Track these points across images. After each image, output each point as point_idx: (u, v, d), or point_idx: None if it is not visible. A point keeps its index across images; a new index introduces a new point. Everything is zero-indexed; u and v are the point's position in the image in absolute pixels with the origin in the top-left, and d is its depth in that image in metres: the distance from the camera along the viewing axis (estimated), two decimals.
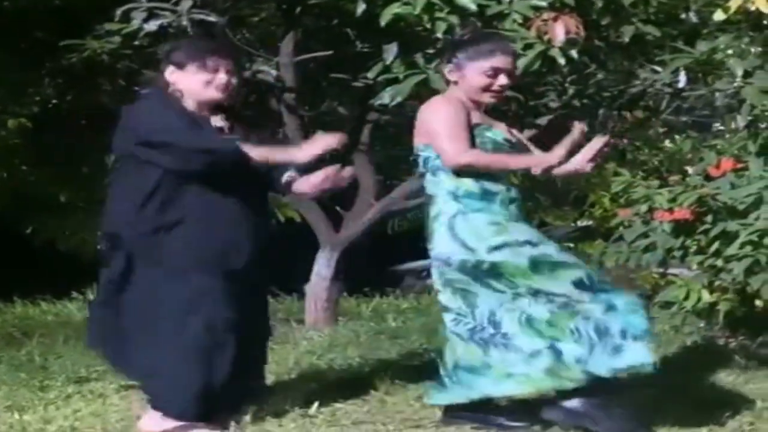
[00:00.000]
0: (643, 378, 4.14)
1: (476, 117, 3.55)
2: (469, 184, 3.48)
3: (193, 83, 3.58)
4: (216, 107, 3.65)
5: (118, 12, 5.12)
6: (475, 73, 3.54)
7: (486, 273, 3.41)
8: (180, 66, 3.59)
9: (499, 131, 3.61)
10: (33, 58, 6.93)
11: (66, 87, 7.32)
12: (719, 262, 4.63)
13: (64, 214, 9.04)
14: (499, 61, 3.54)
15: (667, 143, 8.66)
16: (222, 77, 3.58)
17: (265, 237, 3.69)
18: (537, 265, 3.40)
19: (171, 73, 3.60)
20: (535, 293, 3.39)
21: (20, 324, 6.45)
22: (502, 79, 3.55)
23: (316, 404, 3.77)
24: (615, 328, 3.35)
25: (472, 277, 3.42)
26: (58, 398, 4.03)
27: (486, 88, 3.54)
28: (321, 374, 4.62)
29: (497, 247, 3.41)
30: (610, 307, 3.38)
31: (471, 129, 3.50)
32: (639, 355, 3.35)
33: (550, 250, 3.47)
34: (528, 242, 3.45)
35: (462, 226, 3.45)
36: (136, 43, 5.25)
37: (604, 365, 3.34)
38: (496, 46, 3.59)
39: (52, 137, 7.92)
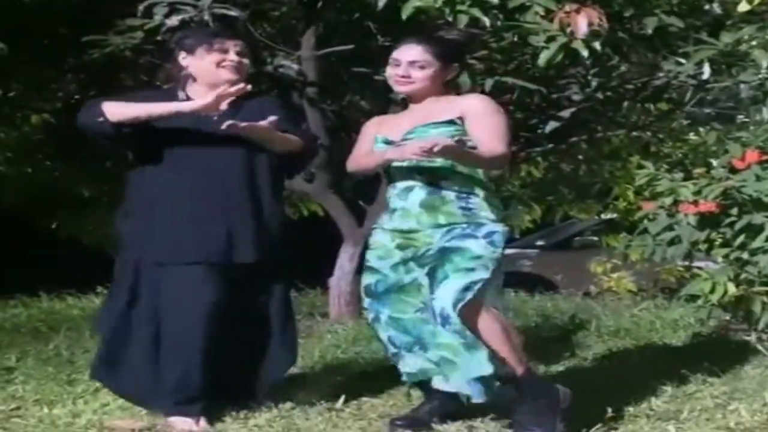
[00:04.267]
0: (671, 369, 4.14)
1: None
2: None
3: (205, 65, 3.63)
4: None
5: (141, 7, 5.13)
6: None
7: None
8: (190, 51, 3.66)
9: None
10: (55, 53, 6.93)
11: (88, 82, 7.33)
12: (745, 255, 4.62)
13: (88, 208, 9.10)
14: None
15: (692, 135, 8.58)
16: (233, 57, 3.63)
17: (259, 226, 3.59)
18: None
19: (183, 59, 3.68)
20: None
21: (47, 318, 6.49)
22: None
23: (342, 398, 3.78)
24: None
25: None
26: (86, 392, 4.04)
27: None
28: (346, 368, 4.63)
29: None
30: None
31: None
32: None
33: None
34: None
35: None
36: (159, 38, 5.26)
37: None
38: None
39: (75, 133, 7.94)
